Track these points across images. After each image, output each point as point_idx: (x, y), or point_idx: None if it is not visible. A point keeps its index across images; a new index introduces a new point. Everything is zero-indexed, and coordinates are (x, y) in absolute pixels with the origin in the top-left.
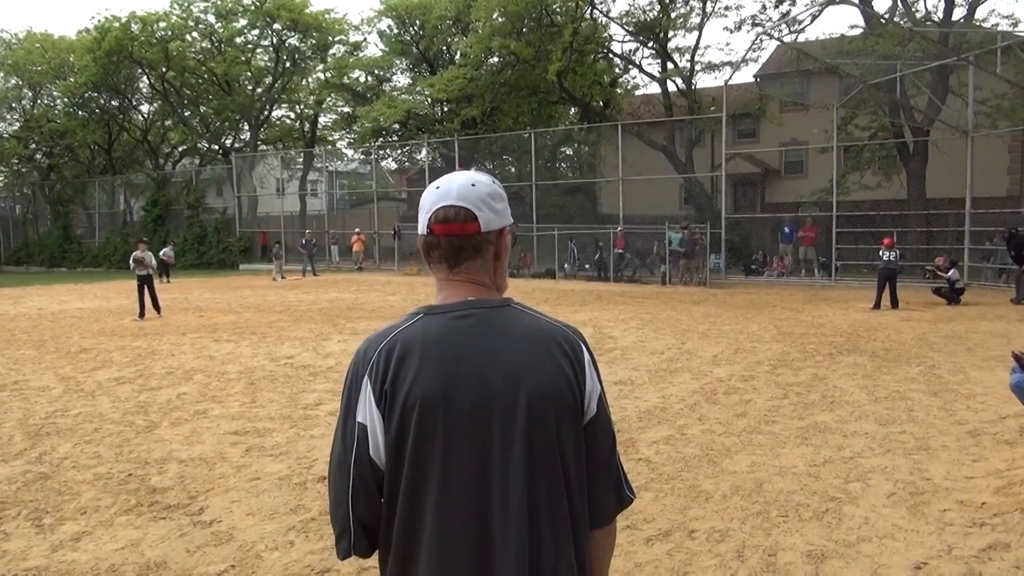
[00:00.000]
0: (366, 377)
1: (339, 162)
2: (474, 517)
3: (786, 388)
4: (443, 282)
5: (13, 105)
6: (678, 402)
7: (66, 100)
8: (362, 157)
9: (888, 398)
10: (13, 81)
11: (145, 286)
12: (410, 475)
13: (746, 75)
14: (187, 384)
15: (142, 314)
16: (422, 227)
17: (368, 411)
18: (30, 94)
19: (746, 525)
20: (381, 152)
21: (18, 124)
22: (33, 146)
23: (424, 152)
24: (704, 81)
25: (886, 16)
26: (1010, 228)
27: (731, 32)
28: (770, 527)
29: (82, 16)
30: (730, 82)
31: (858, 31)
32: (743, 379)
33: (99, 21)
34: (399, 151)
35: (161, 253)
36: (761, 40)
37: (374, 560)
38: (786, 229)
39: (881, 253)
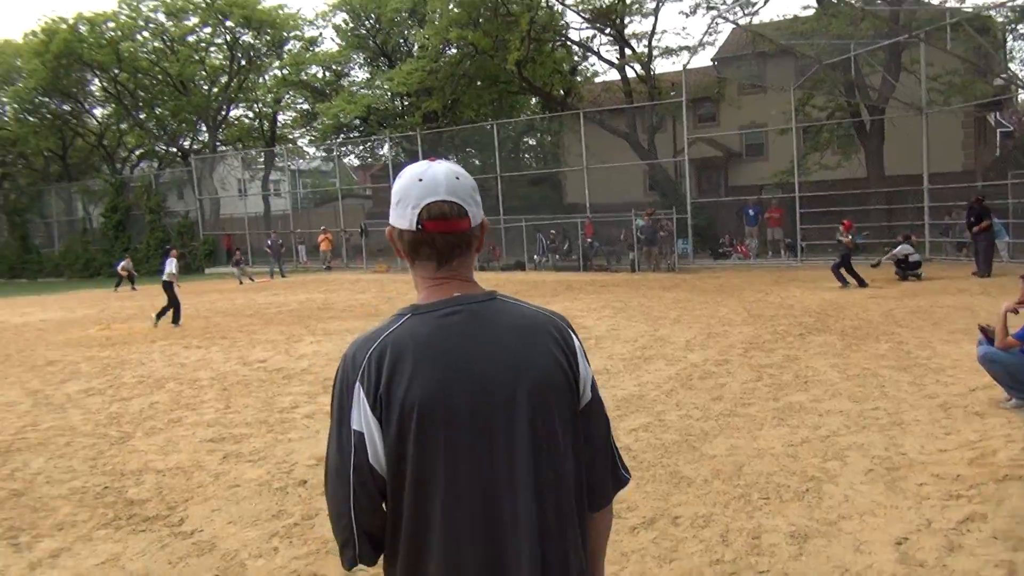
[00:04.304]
0: (357, 383)
1: (301, 160)
2: (482, 516)
3: (760, 370)
4: (428, 280)
5: None
6: (654, 389)
7: (15, 106)
8: (324, 155)
9: (860, 376)
10: None
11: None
12: (414, 479)
13: (704, 59)
14: (159, 393)
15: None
16: (407, 222)
17: (363, 418)
18: None
19: (728, 509)
20: (343, 149)
21: None
22: None
23: (387, 147)
24: (663, 66)
25: None
26: (977, 195)
27: (687, 16)
28: (752, 510)
29: (28, 18)
30: (688, 66)
31: (811, 11)
32: (717, 363)
33: (45, 23)
34: (361, 147)
35: (119, 266)
36: (716, 23)
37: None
38: (750, 212)
39: (839, 237)
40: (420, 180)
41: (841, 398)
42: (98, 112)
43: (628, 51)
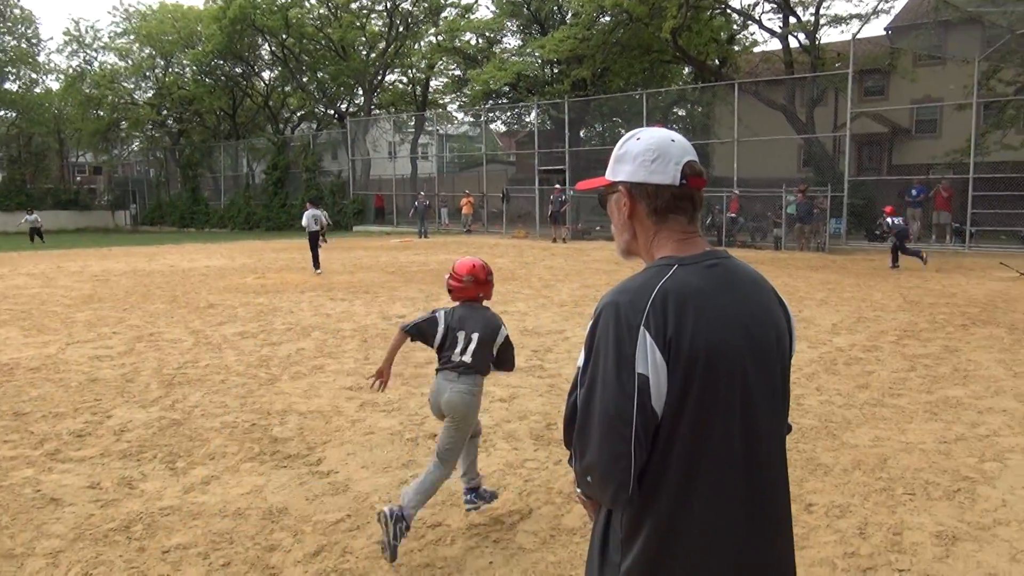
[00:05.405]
0: (642, 327)
1: (449, 125)
2: (744, 458)
3: (913, 360)
4: (678, 233)
5: (147, 74)
6: (794, 372)
7: (194, 68)
8: (472, 120)
9: None
10: (147, 51)
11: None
12: (695, 418)
13: (876, 28)
14: (305, 340)
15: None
16: (670, 178)
17: (651, 361)
18: (162, 63)
19: (868, 501)
20: (490, 115)
21: (152, 92)
22: (165, 112)
23: (533, 115)
24: (829, 36)
25: None
26: None
27: None
28: (895, 504)
29: None
30: (858, 36)
31: None
32: (865, 349)
33: None
34: (508, 114)
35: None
36: None
37: (483, 518)
38: (914, 192)
39: (890, 221)
40: (673, 140)
41: (1005, 396)
42: (265, 75)
43: (792, 19)
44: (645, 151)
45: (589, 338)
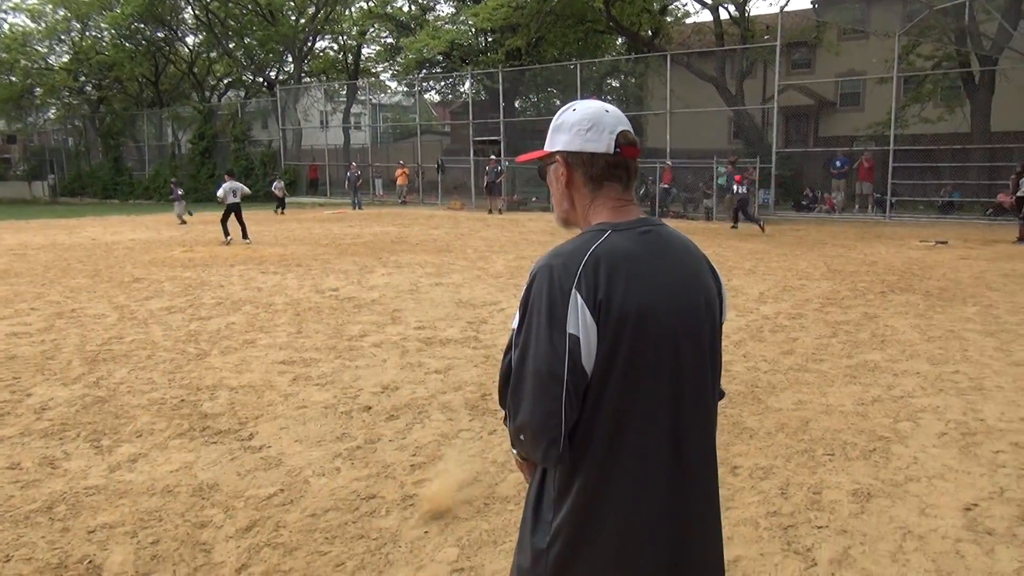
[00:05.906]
0: (574, 290)
1: (383, 95)
2: (671, 419)
3: (835, 326)
4: (613, 201)
5: (62, 37)
6: (723, 339)
7: (113, 32)
8: (405, 90)
9: (942, 338)
10: (61, 13)
11: (233, 213)
12: (620, 381)
13: (803, 1)
14: (236, 314)
15: (227, 233)
16: (604, 146)
17: (582, 322)
18: (78, 26)
19: (791, 463)
20: (424, 85)
21: (67, 56)
22: (83, 78)
23: (468, 84)
24: (758, 8)
25: None
26: None
27: None
28: (815, 465)
29: None
30: (786, 9)
31: None
32: (790, 317)
33: None
34: (442, 84)
35: (274, 187)
36: None
37: (418, 489)
38: (838, 163)
39: (735, 188)
40: (607, 111)
41: (919, 359)
42: (190, 40)
43: None
44: (580, 121)
45: (524, 300)
